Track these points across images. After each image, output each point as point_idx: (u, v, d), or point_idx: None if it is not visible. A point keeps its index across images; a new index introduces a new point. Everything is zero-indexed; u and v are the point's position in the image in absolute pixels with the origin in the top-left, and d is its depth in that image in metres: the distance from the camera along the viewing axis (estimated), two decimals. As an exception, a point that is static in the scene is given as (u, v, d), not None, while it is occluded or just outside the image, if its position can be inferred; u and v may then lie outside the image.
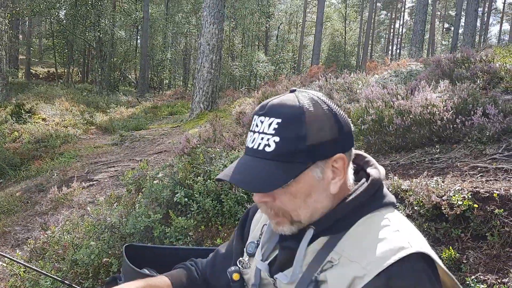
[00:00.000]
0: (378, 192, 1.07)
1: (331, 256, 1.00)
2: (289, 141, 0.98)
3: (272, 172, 0.98)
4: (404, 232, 0.98)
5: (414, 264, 0.92)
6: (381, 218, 1.02)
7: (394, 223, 1.01)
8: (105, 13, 26.81)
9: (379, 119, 5.13)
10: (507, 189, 3.07)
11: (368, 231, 1.00)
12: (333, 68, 14.69)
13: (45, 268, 3.68)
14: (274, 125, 0.99)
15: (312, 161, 1.00)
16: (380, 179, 1.09)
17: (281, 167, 0.98)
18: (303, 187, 1.01)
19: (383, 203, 1.06)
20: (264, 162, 1.00)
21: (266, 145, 1.00)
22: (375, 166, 1.14)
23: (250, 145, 1.04)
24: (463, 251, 2.86)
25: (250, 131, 1.07)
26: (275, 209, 1.05)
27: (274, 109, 1.02)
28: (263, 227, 1.26)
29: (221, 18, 12.70)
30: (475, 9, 19.70)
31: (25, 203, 7.01)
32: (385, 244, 0.94)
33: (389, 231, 0.97)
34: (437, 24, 51.89)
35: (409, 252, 0.91)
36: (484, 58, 7.37)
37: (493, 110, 4.50)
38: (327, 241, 1.04)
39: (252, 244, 1.27)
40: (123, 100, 22.64)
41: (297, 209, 1.03)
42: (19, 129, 12.38)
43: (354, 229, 1.02)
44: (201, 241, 3.69)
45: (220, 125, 6.33)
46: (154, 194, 4.06)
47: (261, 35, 41.05)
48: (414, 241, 0.96)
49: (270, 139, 0.99)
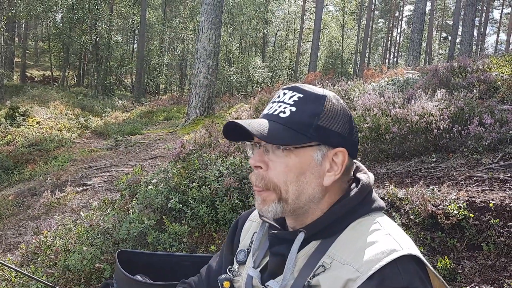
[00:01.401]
0: (367, 197, 1.08)
1: (323, 260, 1.00)
2: (304, 113, 1.03)
3: (280, 132, 1.02)
4: (395, 235, 0.99)
5: (406, 266, 0.93)
6: (372, 222, 1.03)
7: (384, 226, 1.02)
8: (102, 17, 26.81)
9: (376, 127, 5.13)
10: (502, 199, 3.06)
11: (360, 234, 1.00)
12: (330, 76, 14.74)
13: (36, 273, 3.63)
14: (294, 98, 1.06)
15: (318, 142, 1.03)
16: (370, 185, 1.11)
17: (289, 132, 1.02)
18: (301, 162, 1.03)
19: (372, 207, 1.07)
20: (275, 123, 1.03)
21: (281, 112, 1.05)
22: (365, 172, 1.16)
23: (266, 111, 1.09)
24: (459, 261, 2.85)
25: (270, 103, 1.12)
26: (266, 181, 1.06)
27: (300, 87, 1.08)
28: (253, 235, 1.26)
29: (219, 23, 12.72)
30: (472, 19, 19.84)
31: (17, 207, 6.95)
32: (377, 246, 0.95)
33: (380, 234, 0.99)
34: (434, 33, 52.24)
35: (401, 254, 0.93)
36: (481, 67, 7.41)
37: (489, 120, 4.50)
38: (318, 245, 1.04)
39: (242, 252, 1.26)
40: (118, 105, 22.57)
41: (287, 183, 1.04)
42: (13, 132, 12.32)
43: (346, 233, 1.02)
44: (195, 247, 3.66)
45: (216, 131, 6.29)
46: (148, 199, 4.02)
47: (259, 41, 41.16)
48: (405, 244, 0.97)
49: (287, 108, 1.04)
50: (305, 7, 44.05)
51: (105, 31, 27.02)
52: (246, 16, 34.05)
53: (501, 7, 51.57)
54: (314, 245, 1.04)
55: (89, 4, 25.83)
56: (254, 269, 1.16)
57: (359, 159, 5.09)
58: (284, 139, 1.01)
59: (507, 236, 2.78)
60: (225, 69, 32.54)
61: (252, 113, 8.39)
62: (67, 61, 31.24)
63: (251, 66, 33.92)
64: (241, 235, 1.35)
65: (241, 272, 1.23)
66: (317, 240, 1.04)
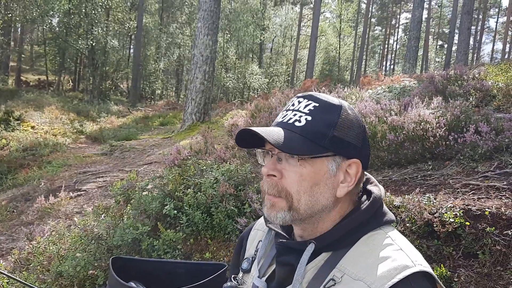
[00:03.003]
0: (379, 210, 1.07)
1: (334, 274, 0.98)
2: (320, 123, 1.01)
3: (295, 141, 1.00)
4: (407, 251, 0.98)
5: (419, 283, 0.92)
6: (384, 236, 1.02)
7: (396, 241, 1.01)
8: (99, 21, 26.81)
9: (372, 135, 5.13)
10: (498, 207, 3.06)
11: (372, 249, 0.99)
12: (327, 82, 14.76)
13: (29, 280, 3.60)
14: (310, 107, 1.04)
15: (333, 152, 1.02)
16: (382, 197, 1.10)
17: (304, 142, 1.00)
18: (315, 172, 1.02)
19: (384, 221, 1.06)
20: (290, 132, 1.02)
21: (296, 120, 1.03)
22: (376, 184, 1.15)
23: (280, 119, 1.07)
24: (455, 269, 2.84)
25: (284, 110, 1.10)
26: (279, 188, 1.05)
27: (315, 96, 1.06)
28: (259, 243, 1.25)
29: (215, 29, 12.74)
30: (468, 27, 19.97)
31: (10, 212, 6.91)
32: (390, 262, 0.94)
33: (393, 250, 0.98)
34: (430, 41, 52.53)
35: (414, 271, 0.92)
36: (477, 76, 7.44)
37: (485, 128, 4.51)
38: (328, 258, 1.02)
39: (246, 260, 1.24)
40: (114, 110, 22.56)
41: (301, 192, 1.02)
42: (7, 137, 12.26)
43: (357, 247, 1.01)
44: (189, 254, 3.64)
45: (212, 137, 6.29)
46: (143, 205, 4.00)
47: (255, 48, 41.25)
48: (417, 260, 0.96)
49: (303, 116, 1.03)
50: (302, 14, 44.27)
51: (102, 36, 27.00)
52: (243, 22, 34.12)
53: (497, 16, 52.00)
54: (324, 257, 1.03)
55: (86, 9, 25.85)
56: (259, 279, 1.15)
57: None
58: (299, 148, 0.99)
59: (503, 244, 2.77)
60: (221, 75, 32.55)
61: (249, 119, 8.38)
62: (63, 65, 31.22)
63: (248, 72, 34.00)
64: (247, 243, 1.34)
65: (245, 281, 1.21)
66: (327, 252, 1.03)
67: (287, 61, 43.88)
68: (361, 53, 41.56)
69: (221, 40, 32.49)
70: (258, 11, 36.80)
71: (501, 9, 50.48)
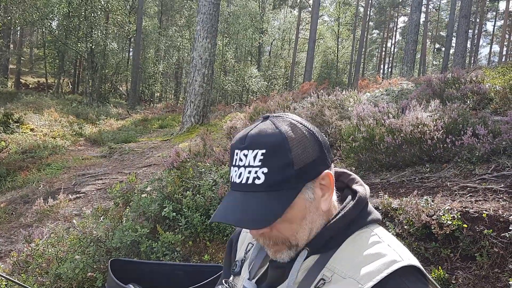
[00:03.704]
0: (364, 209, 1.08)
1: (323, 273, 0.99)
2: (278, 169, 0.96)
3: (267, 205, 0.97)
4: (395, 247, 0.99)
5: (408, 276, 0.94)
6: (370, 234, 1.03)
7: (383, 238, 1.02)
8: (98, 24, 26.83)
9: (370, 137, 5.14)
10: (496, 210, 3.07)
11: (360, 247, 1.00)
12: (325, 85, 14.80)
13: (27, 282, 3.60)
14: (259, 157, 0.97)
15: (303, 184, 1.00)
16: (367, 197, 1.10)
17: (274, 197, 0.97)
18: (298, 211, 1.01)
19: (370, 220, 1.07)
20: (256, 195, 0.98)
21: (255, 178, 0.97)
22: (361, 184, 1.15)
23: (238, 180, 1.01)
24: (452, 271, 2.85)
25: (233, 166, 1.03)
26: (273, 238, 1.04)
27: (255, 141, 0.99)
28: (248, 245, 1.26)
29: (214, 32, 12.76)
30: (466, 30, 20.02)
31: (9, 215, 6.90)
32: (378, 258, 0.95)
33: (380, 246, 0.99)
34: (428, 45, 52.60)
35: (402, 265, 0.93)
36: (474, 79, 7.46)
37: (482, 131, 4.53)
38: (317, 259, 1.03)
39: (236, 263, 1.25)
40: (113, 112, 22.54)
41: (294, 233, 1.02)
42: (6, 139, 12.25)
43: (345, 246, 1.02)
44: (188, 256, 3.64)
45: (210, 140, 6.29)
46: (142, 208, 4.00)
47: (254, 51, 41.30)
48: (405, 255, 0.97)
49: (258, 171, 0.97)
50: (301, 17, 44.37)
51: (101, 38, 27.01)
52: (241, 25, 34.17)
53: (494, 20, 52.15)
54: (314, 258, 1.04)
55: (85, 11, 25.85)
56: (249, 281, 1.15)
57: (353, 169, 5.09)
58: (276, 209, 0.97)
59: (500, 247, 2.78)
60: (220, 78, 32.59)
61: (247, 122, 8.39)
62: (62, 68, 31.16)
63: (247, 75, 34.02)
64: (237, 247, 1.34)
65: (236, 284, 1.22)
66: (317, 254, 1.04)
67: (286, 64, 43.95)
68: (359, 56, 41.67)
69: (220, 43, 32.52)
70: (257, 14, 36.87)
71: (498, 12, 50.67)
